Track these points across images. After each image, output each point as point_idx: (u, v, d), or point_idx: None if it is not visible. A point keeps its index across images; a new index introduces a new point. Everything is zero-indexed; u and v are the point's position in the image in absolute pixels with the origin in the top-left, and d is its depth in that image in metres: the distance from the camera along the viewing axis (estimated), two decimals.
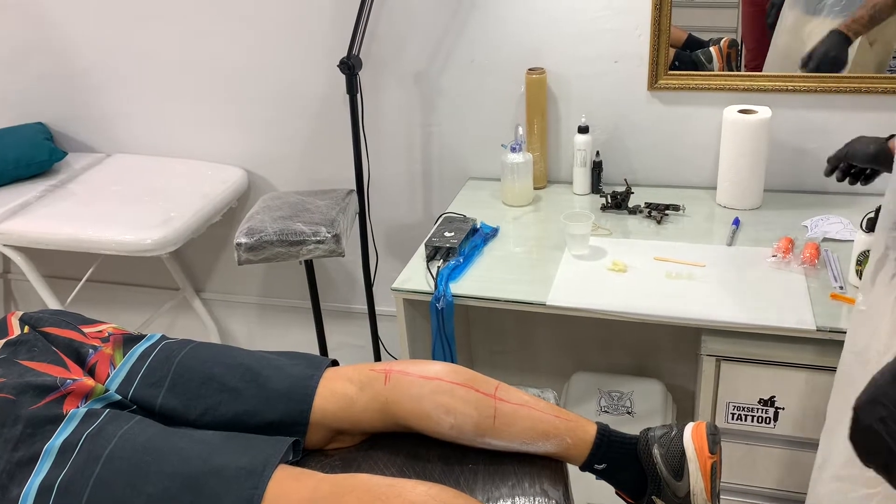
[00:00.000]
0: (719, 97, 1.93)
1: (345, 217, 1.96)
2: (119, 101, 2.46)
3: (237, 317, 2.76)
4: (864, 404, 0.78)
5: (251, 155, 2.42)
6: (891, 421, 0.76)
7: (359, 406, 1.16)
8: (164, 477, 0.98)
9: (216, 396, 1.15)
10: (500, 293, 1.66)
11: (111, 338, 1.21)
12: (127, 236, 2.07)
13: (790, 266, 1.65)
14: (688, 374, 2.20)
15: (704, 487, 1.12)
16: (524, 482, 1.14)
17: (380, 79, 2.16)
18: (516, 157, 1.97)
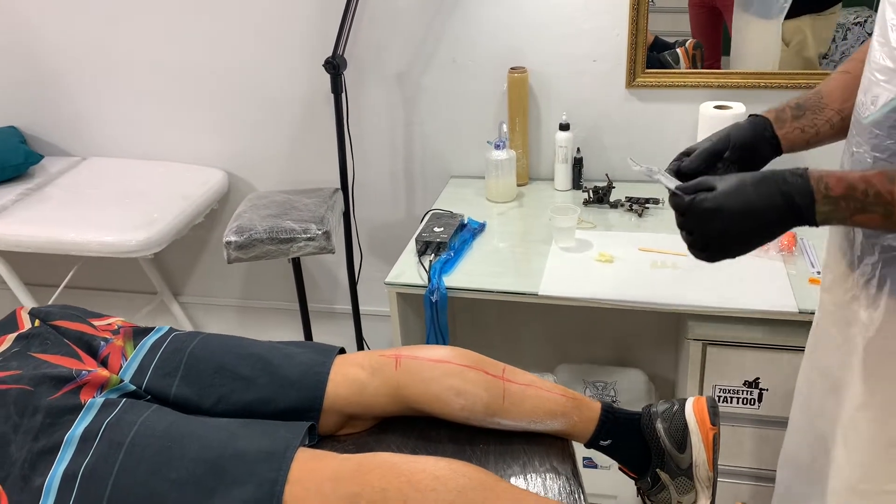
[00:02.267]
0: (694, 94, 2.00)
1: (333, 215, 1.98)
2: (94, 104, 2.44)
3: (216, 320, 2.75)
4: (729, 208, 0.84)
5: (231, 156, 2.42)
6: None
7: (370, 390, 1.18)
8: (187, 462, 0.99)
9: (229, 385, 1.16)
10: (493, 285, 1.70)
11: (121, 330, 1.21)
12: (110, 238, 2.05)
13: (769, 254, 1.72)
14: (667, 363, 2.26)
15: (707, 458, 1.16)
16: (534, 460, 1.17)
17: (362, 79, 2.18)
18: (500, 155, 2.02)
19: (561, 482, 1.14)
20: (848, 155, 0.98)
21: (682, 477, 1.18)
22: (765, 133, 1.10)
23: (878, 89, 0.88)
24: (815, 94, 1.10)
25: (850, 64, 1.09)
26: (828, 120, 1.08)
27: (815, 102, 1.10)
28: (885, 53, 0.88)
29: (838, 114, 1.08)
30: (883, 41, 0.89)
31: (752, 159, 1.10)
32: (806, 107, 1.10)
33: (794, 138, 1.10)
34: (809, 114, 1.09)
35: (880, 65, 0.88)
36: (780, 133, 1.10)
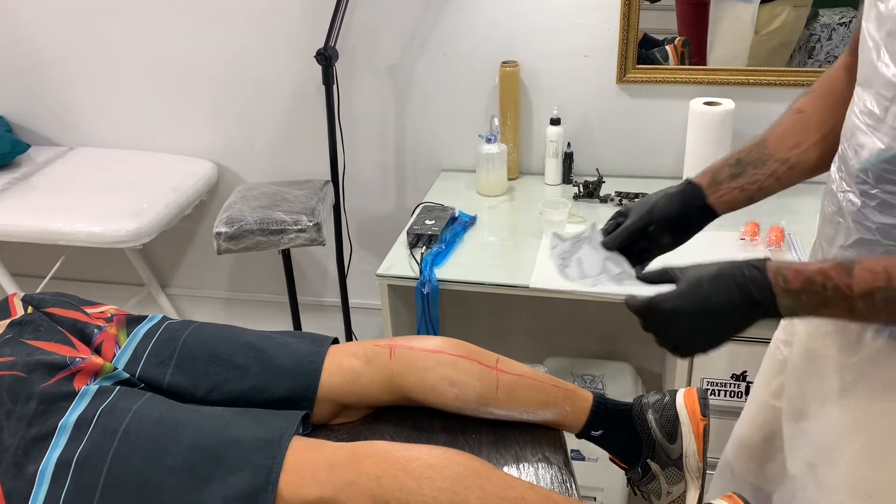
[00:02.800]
0: (684, 90, 2.02)
1: (324, 206, 1.98)
2: (83, 93, 2.42)
3: (204, 312, 2.74)
4: (686, 311, 0.81)
5: (221, 148, 2.41)
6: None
7: (365, 380, 1.18)
8: (182, 449, 0.99)
9: (223, 374, 1.16)
10: (484, 277, 1.70)
11: (114, 318, 1.21)
12: (98, 228, 2.04)
13: (757, 248, 1.74)
14: (654, 357, 2.28)
15: (697, 449, 1.18)
16: (526, 450, 1.18)
17: (354, 71, 2.18)
18: (491, 148, 2.02)
19: (553, 471, 1.14)
20: (831, 195, 0.93)
21: (672, 467, 1.20)
22: (694, 202, 1.07)
23: (862, 137, 0.84)
24: (759, 145, 1.05)
25: (805, 100, 1.06)
26: (772, 173, 1.04)
27: (758, 155, 1.05)
28: (870, 96, 0.84)
29: (784, 164, 1.03)
30: (866, 84, 0.85)
31: (682, 227, 1.08)
32: (747, 161, 1.05)
33: (733, 199, 1.06)
34: (751, 169, 1.05)
35: (866, 108, 0.84)
36: (715, 197, 1.06)
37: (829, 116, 1.02)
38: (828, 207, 0.94)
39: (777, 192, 1.07)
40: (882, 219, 0.83)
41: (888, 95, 0.79)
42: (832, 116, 1.01)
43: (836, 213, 0.90)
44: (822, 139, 1.02)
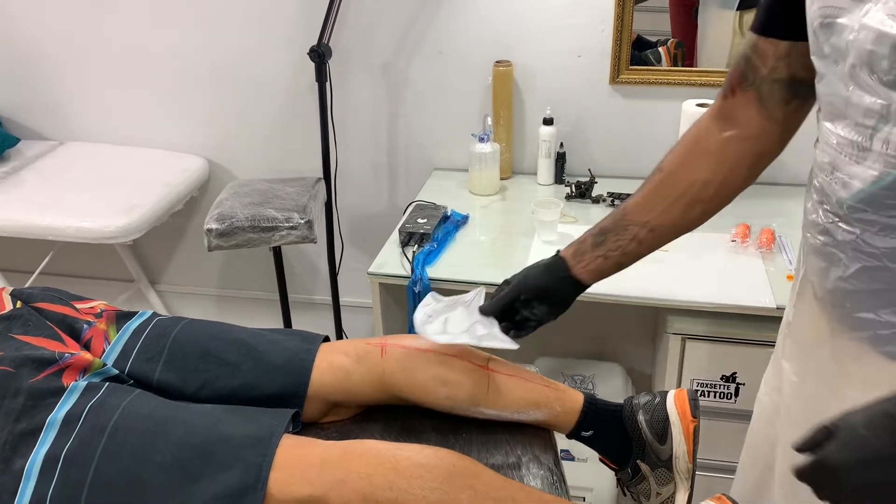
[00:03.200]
0: (677, 91, 2.02)
1: (315, 204, 1.98)
2: (74, 87, 2.41)
3: (194, 309, 2.72)
4: (854, 463, 0.71)
5: (212, 144, 2.40)
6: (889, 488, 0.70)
7: (355, 378, 1.18)
8: (171, 446, 0.98)
9: (214, 370, 1.15)
10: (476, 277, 1.70)
11: (104, 314, 1.20)
12: (88, 223, 2.03)
13: (748, 250, 1.75)
14: (644, 358, 2.29)
15: (687, 450, 1.18)
16: (516, 449, 1.18)
17: (347, 68, 2.17)
18: (484, 147, 2.02)
19: (543, 472, 1.14)
20: (815, 228, 0.91)
21: (662, 468, 1.20)
22: (559, 275, 1.11)
23: (849, 168, 0.82)
24: (619, 213, 1.08)
25: (667, 158, 1.06)
26: (633, 237, 1.06)
27: (618, 223, 1.07)
28: (845, 128, 0.82)
29: (644, 227, 1.05)
30: (836, 117, 0.84)
31: (552, 299, 1.13)
32: (609, 229, 1.08)
33: (598, 267, 1.10)
34: (612, 236, 1.07)
35: (844, 140, 0.82)
36: (580, 268, 1.10)
37: (689, 172, 1.03)
38: (813, 240, 0.92)
39: (647, 254, 1.09)
40: (888, 242, 0.81)
41: (869, 123, 0.78)
42: (692, 172, 1.03)
43: (827, 244, 0.88)
44: (680, 197, 1.03)
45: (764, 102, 0.97)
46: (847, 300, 0.88)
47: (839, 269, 0.87)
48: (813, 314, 0.95)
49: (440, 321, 1.18)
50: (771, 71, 0.94)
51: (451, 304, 1.22)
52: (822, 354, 0.95)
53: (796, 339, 1.02)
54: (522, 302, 1.15)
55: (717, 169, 1.02)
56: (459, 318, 1.18)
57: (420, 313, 1.20)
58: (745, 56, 0.97)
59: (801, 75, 0.93)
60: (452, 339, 1.14)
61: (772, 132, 0.99)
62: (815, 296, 0.94)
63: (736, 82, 0.98)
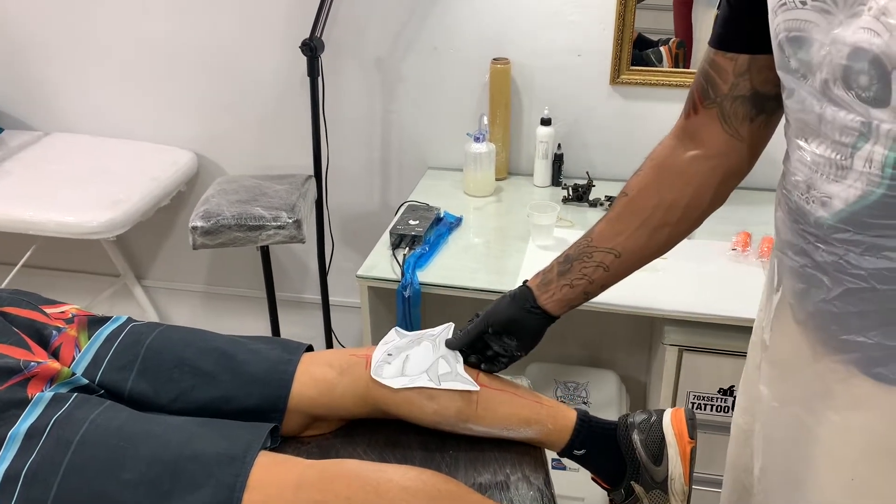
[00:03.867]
0: (679, 94, 1.96)
1: (305, 203, 1.92)
2: (60, 76, 2.34)
3: (180, 305, 2.67)
4: None
5: (201, 138, 2.34)
6: None
7: (338, 391, 1.13)
8: (140, 463, 0.93)
9: (189, 381, 1.10)
10: (467, 282, 1.65)
11: (75, 319, 1.14)
12: (71, 218, 1.97)
13: (748, 259, 1.70)
14: (639, 365, 2.24)
15: (683, 472, 1.13)
16: (505, 468, 1.13)
17: (340, 63, 2.12)
18: (480, 147, 1.97)
19: (533, 493, 1.09)
20: (792, 249, 0.86)
21: (657, 490, 1.15)
22: (525, 305, 1.08)
23: (828, 188, 0.77)
24: (585, 239, 1.05)
25: (633, 180, 1.02)
26: (599, 263, 1.03)
27: (583, 249, 1.04)
28: (820, 146, 0.77)
29: (610, 253, 1.02)
30: (809, 134, 0.79)
31: (520, 332, 1.10)
32: (574, 257, 1.05)
33: (565, 296, 1.06)
34: (577, 264, 1.04)
35: (820, 159, 0.78)
36: (545, 298, 1.07)
37: (654, 195, 0.99)
38: (789, 262, 0.87)
39: (615, 282, 1.06)
40: (875, 263, 0.77)
41: (848, 141, 0.73)
42: (657, 194, 0.99)
43: (806, 266, 0.84)
44: (646, 221, 1.00)
45: (727, 120, 0.92)
46: (832, 323, 0.83)
47: (821, 291, 0.83)
48: (793, 337, 0.91)
49: (400, 360, 1.13)
50: (732, 87, 0.90)
51: (415, 338, 1.18)
52: (803, 378, 0.90)
53: (775, 364, 0.97)
54: (491, 335, 1.12)
55: (682, 191, 0.98)
56: (422, 355, 1.13)
57: (379, 353, 1.14)
58: (704, 72, 0.92)
59: (764, 90, 0.89)
60: (410, 383, 1.09)
61: (738, 150, 0.94)
62: (795, 318, 0.89)
63: (698, 100, 0.94)
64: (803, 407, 0.91)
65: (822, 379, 0.87)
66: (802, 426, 0.91)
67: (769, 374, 0.98)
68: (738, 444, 1.12)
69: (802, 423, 0.91)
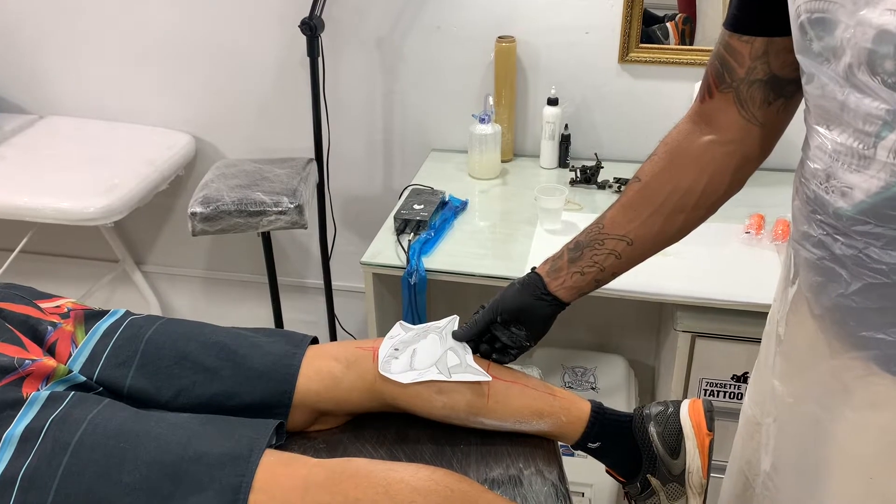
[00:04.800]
0: (689, 72, 1.92)
1: (306, 187, 1.87)
2: (54, 58, 2.29)
3: (181, 291, 2.63)
4: None
5: (199, 120, 2.29)
6: None
7: (345, 385, 1.09)
8: (140, 465, 0.89)
9: (190, 377, 1.06)
10: (475, 268, 1.61)
11: (71, 313, 1.10)
12: (67, 204, 1.93)
13: (762, 242, 1.66)
14: (648, 350, 2.21)
15: (701, 465, 1.10)
16: (518, 462, 1.10)
17: (341, 42, 2.06)
18: (485, 129, 1.92)
19: (547, 488, 1.06)
20: (808, 241, 0.82)
21: (674, 483, 1.12)
22: (535, 292, 1.05)
23: (849, 178, 0.74)
24: (596, 225, 1.01)
25: (646, 165, 0.98)
26: (611, 251, 1.00)
27: (595, 236, 1.01)
28: (841, 134, 0.73)
29: (622, 240, 0.99)
30: (831, 121, 0.75)
31: (530, 319, 1.07)
32: (584, 244, 1.01)
33: (575, 284, 1.03)
34: (588, 251, 1.01)
35: (841, 148, 0.74)
36: (556, 285, 1.04)
37: (669, 180, 0.95)
38: (806, 253, 0.83)
39: (627, 269, 1.02)
40: None
41: (871, 130, 0.69)
42: (672, 180, 0.95)
43: (823, 258, 0.80)
44: (660, 207, 0.96)
45: (744, 105, 0.89)
46: (850, 318, 0.80)
47: (839, 285, 0.79)
48: (809, 332, 0.87)
49: (407, 354, 1.09)
50: (748, 72, 0.86)
51: (422, 331, 1.14)
52: (819, 374, 0.87)
53: (789, 358, 0.94)
54: (500, 324, 1.09)
55: (698, 176, 0.94)
56: (430, 348, 1.10)
57: (385, 348, 1.11)
58: (719, 55, 0.88)
59: (782, 73, 0.85)
60: (419, 377, 1.06)
61: (755, 135, 0.91)
62: (811, 312, 0.86)
63: (713, 83, 0.90)
64: (819, 404, 0.88)
65: (838, 376, 0.84)
66: (818, 424, 0.88)
67: (783, 369, 0.95)
68: (745, 435, 1.09)
69: (818, 420, 0.88)
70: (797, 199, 0.87)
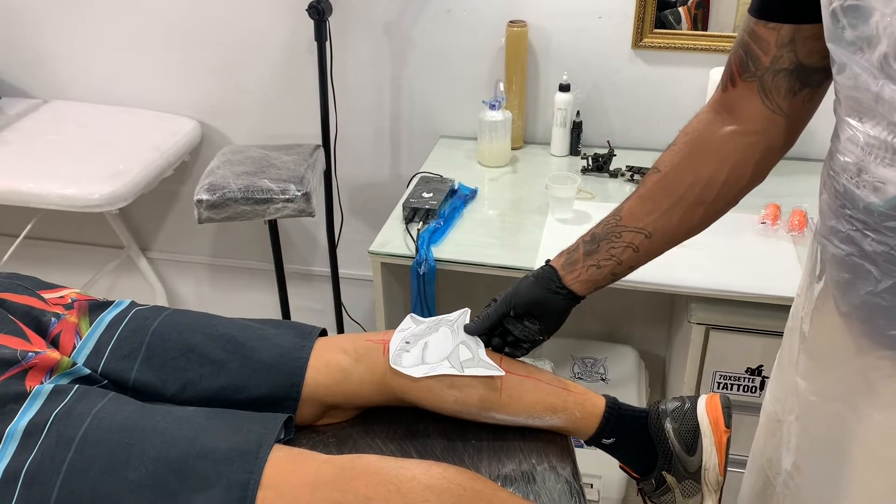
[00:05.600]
0: (705, 58, 1.88)
1: (314, 174, 1.84)
2: (59, 42, 2.25)
3: (186, 278, 2.61)
4: None
5: (205, 105, 2.25)
6: None
7: (354, 379, 1.07)
8: (146, 461, 0.87)
9: (197, 370, 1.04)
10: (485, 258, 1.59)
11: (75, 304, 1.08)
12: (72, 190, 1.90)
13: (778, 233, 1.63)
14: (659, 340, 2.18)
15: (718, 462, 1.07)
16: (531, 458, 1.07)
17: (349, 27, 2.02)
18: (495, 115, 1.88)
19: (560, 485, 1.04)
20: (836, 236, 0.80)
21: (690, 480, 1.09)
22: (550, 286, 1.02)
23: (882, 172, 0.71)
24: (613, 217, 0.98)
25: (665, 155, 0.95)
26: (628, 244, 0.97)
27: (611, 228, 0.98)
28: (875, 127, 0.71)
29: (640, 233, 0.96)
30: (865, 113, 0.72)
31: (544, 313, 1.04)
32: (601, 236, 0.99)
33: (591, 277, 1.00)
34: (605, 244, 0.98)
35: (875, 141, 0.71)
36: (571, 278, 1.01)
37: (689, 171, 0.92)
38: (834, 249, 0.80)
39: (644, 263, 0.99)
40: None
41: None
42: (693, 171, 0.92)
43: (852, 254, 0.78)
44: (680, 200, 0.93)
45: (768, 94, 0.86)
46: (879, 317, 0.77)
47: (868, 283, 0.76)
48: (835, 329, 0.84)
49: (419, 347, 1.07)
50: (774, 60, 0.83)
51: (433, 324, 1.11)
52: (845, 373, 0.84)
53: (814, 356, 0.91)
54: (513, 318, 1.06)
55: (719, 168, 0.91)
56: (441, 342, 1.07)
57: (396, 341, 1.08)
58: (743, 43, 0.85)
59: (809, 62, 0.82)
60: (431, 371, 1.03)
61: (779, 125, 0.88)
62: (838, 310, 0.83)
63: (737, 72, 0.87)
64: (844, 403, 0.85)
65: (865, 375, 0.81)
66: (843, 424, 0.86)
67: (807, 367, 0.92)
68: (767, 432, 1.07)
69: (843, 420, 0.86)
70: (825, 192, 0.84)
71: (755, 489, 1.10)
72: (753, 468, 1.12)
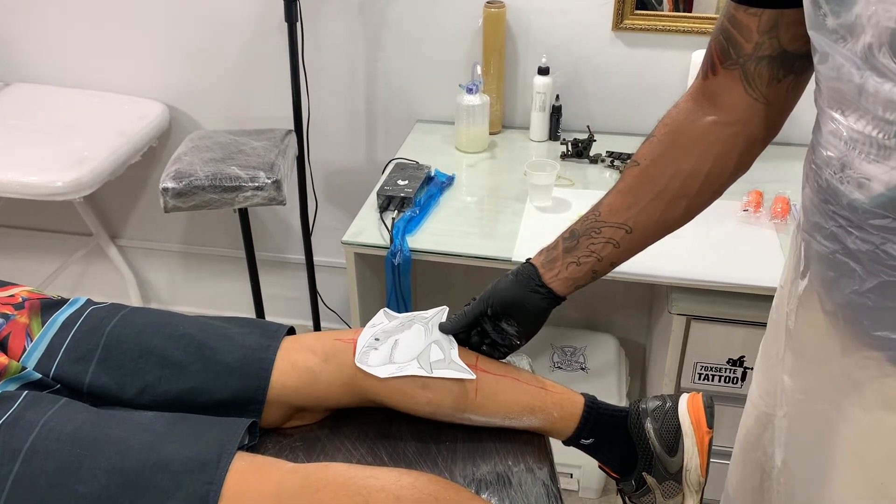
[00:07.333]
0: (686, 40, 1.83)
1: (284, 161, 1.78)
2: (20, 22, 2.17)
3: (158, 266, 2.54)
4: None
5: (173, 88, 2.18)
6: None
7: (323, 380, 1.02)
8: (99, 473, 0.82)
9: (156, 372, 0.99)
10: (462, 248, 1.54)
11: (26, 304, 1.02)
12: (34, 178, 1.83)
13: (760, 221, 1.60)
14: (639, 328, 2.15)
15: (700, 463, 1.04)
16: (507, 460, 1.04)
17: (321, 6, 1.95)
18: (473, 99, 1.83)
19: (538, 488, 1.00)
20: (820, 232, 0.77)
21: (671, 481, 1.06)
22: (530, 284, 0.98)
23: (867, 168, 0.68)
24: (593, 213, 0.95)
25: (644, 148, 0.91)
26: (608, 240, 0.93)
27: (591, 224, 0.94)
28: (859, 121, 0.67)
29: (620, 228, 0.93)
30: (847, 106, 0.69)
31: (523, 313, 1.00)
32: (580, 232, 0.95)
33: (571, 275, 0.97)
34: (584, 240, 0.95)
35: (858, 136, 0.68)
36: (551, 276, 0.97)
37: (670, 163, 0.89)
38: (818, 246, 0.77)
39: (626, 259, 0.96)
40: None
41: (892, 118, 0.63)
42: (674, 163, 0.88)
43: (836, 252, 0.75)
44: (661, 193, 0.90)
45: (751, 82, 0.82)
46: (864, 317, 0.74)
47: (853, 281, 0.73)
48: (820, 328, 0.82)
49: (388, 345, 1.02)
50: (756, 47, 0.79)
51: (406, 321, 1.06)
52: (830, 372, 0.82)
53: (800, 354, 0.88)
54: (490, 317, 1.02)
55: (701, 159, 0.88)
56: (413, 340, 1.02)
57: (364, 337, 1.03)
58: (724, 29, 0.81)
59: (793, 48, 0.78)
60: (398, 371, 0.98)
61: (761, 114, 0.84)
62: (823, 308, 0.80)
63: (717, 60, 0.83)
64: (830, 402, 0.83)
65: (850, 375, 0.79)
66: (828, 423, 0.83)
67: (793, 365, 0.90)
68: (760, 425, 1.04)
69: (829, 419, 0.83)
70: (808, 186, 0.80)
71: (751, 485, 1.07)
72: (747, 461, 1.09)
